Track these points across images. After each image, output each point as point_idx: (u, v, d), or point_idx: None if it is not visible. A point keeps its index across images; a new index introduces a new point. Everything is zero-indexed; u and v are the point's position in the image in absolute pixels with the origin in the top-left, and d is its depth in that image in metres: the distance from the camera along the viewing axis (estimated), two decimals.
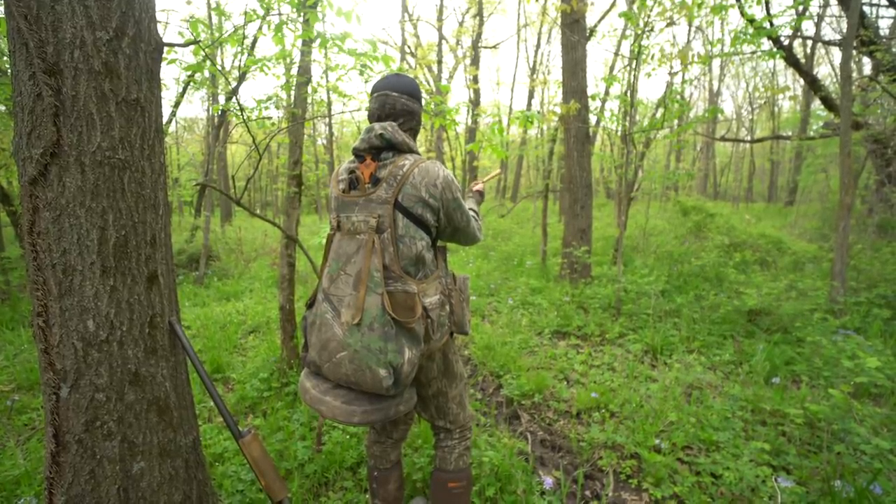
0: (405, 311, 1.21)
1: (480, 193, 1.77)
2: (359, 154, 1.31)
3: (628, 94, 4.61)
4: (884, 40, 5.60)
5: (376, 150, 1.28)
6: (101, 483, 1.18)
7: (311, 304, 1.37)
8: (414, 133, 1.39)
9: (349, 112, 2.85)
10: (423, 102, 1.39)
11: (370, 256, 1.20)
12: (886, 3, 5.84)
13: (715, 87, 19.79)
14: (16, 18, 1.06)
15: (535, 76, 16.05)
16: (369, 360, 1.16)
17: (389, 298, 1.20)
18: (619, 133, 5.57)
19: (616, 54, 9.98)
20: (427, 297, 1.28)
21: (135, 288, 1.21)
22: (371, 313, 1.17)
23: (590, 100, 5.37)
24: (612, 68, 13.10)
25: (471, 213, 1.43)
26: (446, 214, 1.31)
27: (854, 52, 5.25)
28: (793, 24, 4.81)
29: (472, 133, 13.14)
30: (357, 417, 1.21)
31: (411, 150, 1.31)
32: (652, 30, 4.40)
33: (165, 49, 1.35)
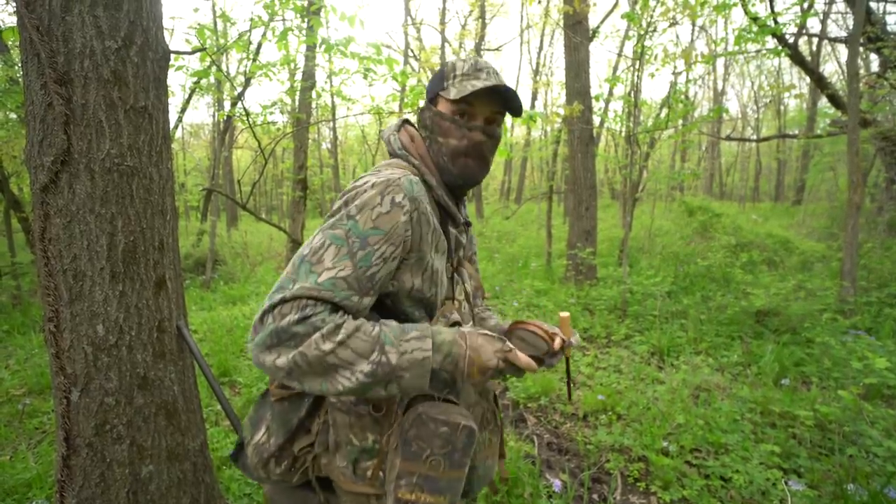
0: None
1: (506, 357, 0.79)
2: None
3: (632, 94, 4.60)
4: (891, 36, 5.54)
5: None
6: (111, 486, 1.19)
7: None
8: (424, 125, 1.02)
9: (353, 116, 2.87)
10: (439, 89, 0.93)
11: None
12: None
13: (719, 86, 19.68)
14: (28, 30, 1.08)
15: (538, 78, 16.05)
16: None
17: None
18: (623, 134, 5.55)
19: (619, 55, 9.96)
20: None
21: (143, 293, 1.23)
22: None
23: (593, 101, 5.36)
24: (615, 69, 13.07)
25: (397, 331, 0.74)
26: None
27: (861, 49, 5.20)
28: (797, 21, 4.78)
29: None
30: None
31: (395, 154, 0.97)
32: (655, 30, 4.39)
33: (172, 56, 1.37)
